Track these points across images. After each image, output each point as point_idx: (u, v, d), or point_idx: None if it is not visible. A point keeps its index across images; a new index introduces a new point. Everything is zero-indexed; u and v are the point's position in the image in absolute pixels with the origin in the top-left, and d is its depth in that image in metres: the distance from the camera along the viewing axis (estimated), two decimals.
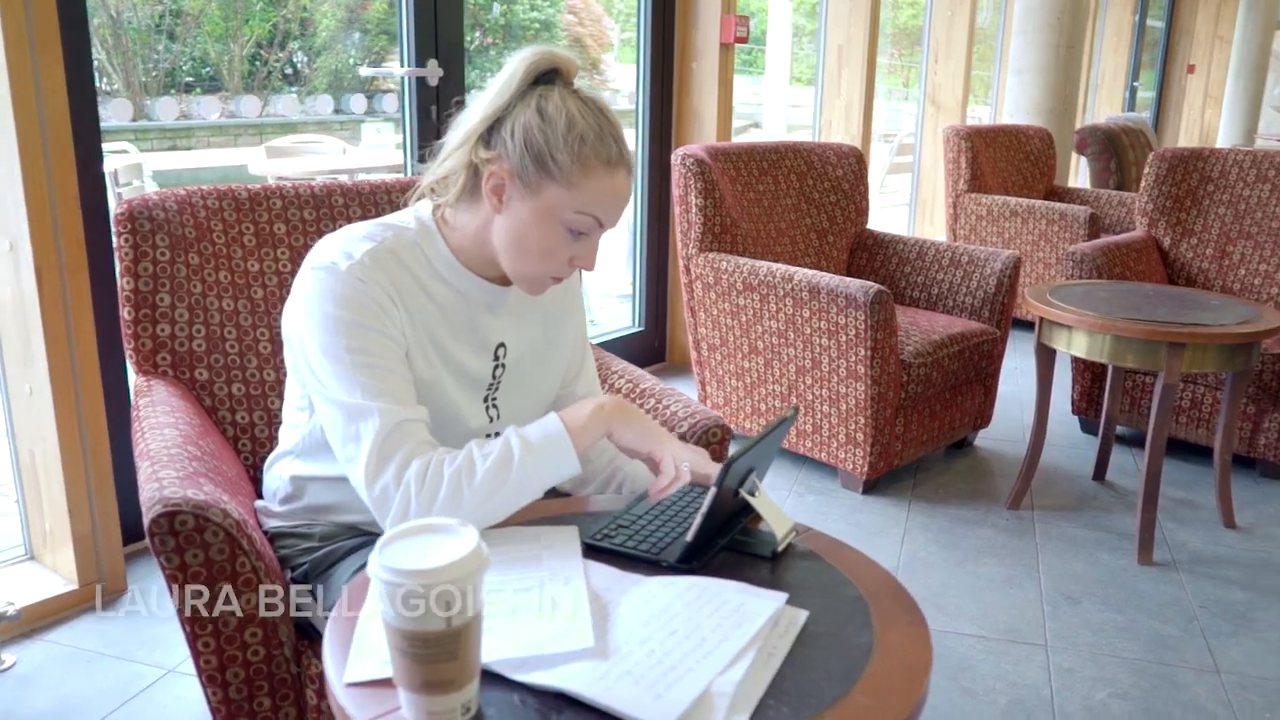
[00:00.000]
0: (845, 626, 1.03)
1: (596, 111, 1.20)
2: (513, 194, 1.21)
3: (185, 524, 1.20)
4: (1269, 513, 2.77)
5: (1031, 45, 5.25)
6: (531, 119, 1.19)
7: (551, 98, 1.19)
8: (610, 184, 1.20)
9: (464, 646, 0.82)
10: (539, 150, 1.18)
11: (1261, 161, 3.36)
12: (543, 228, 1.21)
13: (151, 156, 6.72)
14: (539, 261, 1.24)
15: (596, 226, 1.22)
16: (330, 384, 1.17)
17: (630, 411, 1.21)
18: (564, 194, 1.19)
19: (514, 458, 1.13)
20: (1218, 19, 9.69)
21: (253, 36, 8.87)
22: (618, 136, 1.21)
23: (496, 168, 1.20)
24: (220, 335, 1.69)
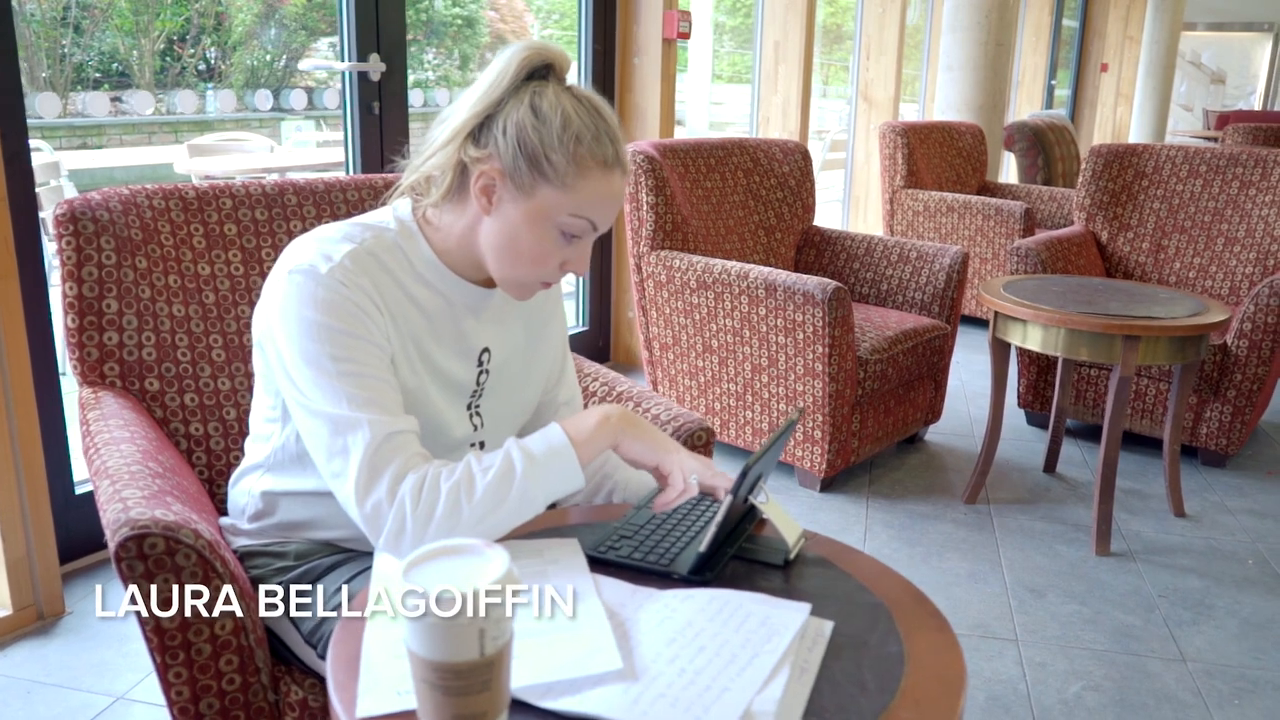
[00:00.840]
0: (870, 635, 0.99)
1: (592, 110, 1.15)
2: (503, 195, 1.15)
3: (155, 547, 1.12)
4: (1214, 501, 2.83)
5: (961, 43, 5.33)
6: (525, 117, 1.12)
7: (546, 95, 1.13)
8: (606, 186, 1.15)
9: (496, 676, 0.76)
10: (533, 150, 1.12)
11: (1193, 157, 3.45)
12: (534, 230, 1.15)
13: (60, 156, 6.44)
14: (529, 266, 1.18)
15: (590, 230, 1.17)
16: (313, 394, 1.09)
17: (638, 422, 1.16)
18: (558, 196, 1.13)
19: (516, 472, 1.07)
20: (1127, 20, 9.98)
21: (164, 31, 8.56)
22: (614, 136, 1.16)
23: (487, 167, 1.14)
24: (171, 343, 1.59)
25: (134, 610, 1.12)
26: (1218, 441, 2.99)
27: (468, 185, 1.17)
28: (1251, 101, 12.51)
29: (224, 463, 1.62)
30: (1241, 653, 2.08)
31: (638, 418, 1.17)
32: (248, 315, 1.66)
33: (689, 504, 1.23)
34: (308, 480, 1.26)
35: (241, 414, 1.63)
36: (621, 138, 1.17)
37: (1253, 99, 12.58)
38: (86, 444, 1.38)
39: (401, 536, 1.04)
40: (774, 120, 4.61)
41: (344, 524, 1.27)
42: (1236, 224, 3.34)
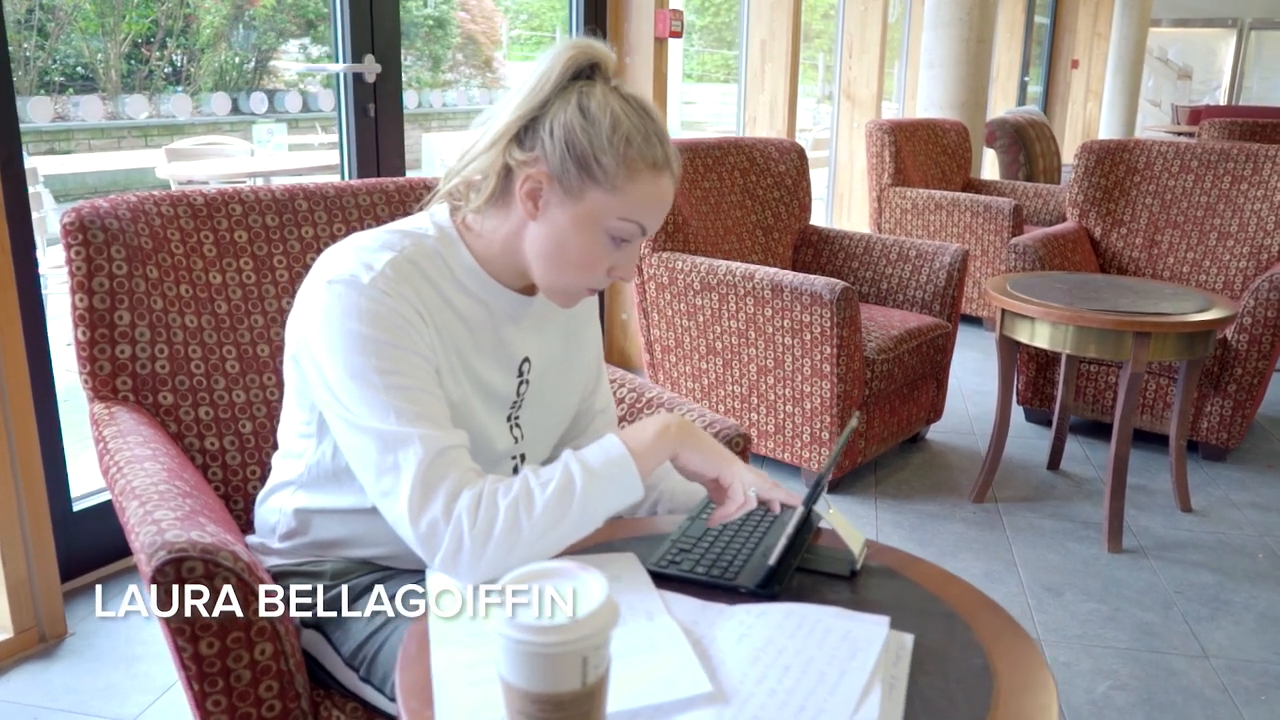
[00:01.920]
0: (951, 647, 0.96)
1: (641, 111, 1.11)
2: (550, 199, 1.11)
3: (194, 571, 1.07)
4: (1218, 495, 2.84)
5: (943, 40, 5.34)
6: (573, 118, 1.08)
7: (594, 95, 1.09)
8: (656, 188, 1.11)
9: (596, 705, 0.72)
10: (582, 152, 1.08)
11: (1184, 153, 3.46)
12: (583, 235, 1.11)
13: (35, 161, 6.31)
14: (577, 272, 1.14)
15: (639, 234, 1.13)
16: (358, 410, 1.05)
17: (696, 433, 1.13)
18: (608, 199, 1.09)
19: (575, 486, 1.03)
20: (1096, 17, 10.08)
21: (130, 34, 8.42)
22: (663, 138, 1.12)
23: (533, 170, 1.10)
24: (184, 355, 1.53)
25: (175, 637, 1.07)
26: (1218, 436, 3.00)
27: (512, 189, 1.13)
28: (1217, 96, 12.68)
29: (240, 478, 1.58)
30: (1262, 648, 2.08)
31: (696, 428, 1.13)
32: (260, 325, 1.61)
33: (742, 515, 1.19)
34: (344, 497, 1.21)
35: (258, 427, 1.58)
36: (669, 139, 1.14)
37: (1218, 94, 12.75)
38: (107, 463, 1.32)
39: (459, 556, 1.00)
40: (761, 119, 4.59)
41: (382, 541, 1.22)
42: (1229, 219, 3.35)
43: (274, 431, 1.59)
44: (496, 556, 1.00)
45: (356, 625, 1.20)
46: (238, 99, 7.72)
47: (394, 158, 2.76)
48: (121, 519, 1.22)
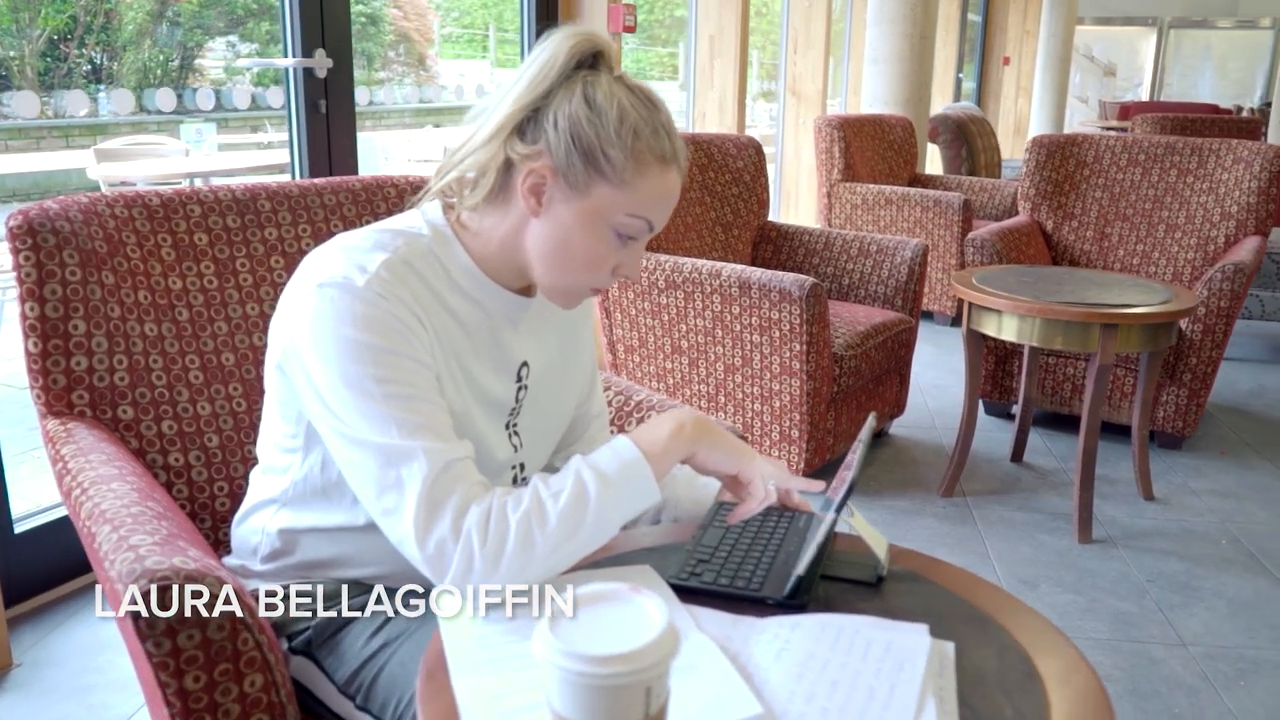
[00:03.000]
0: (990, 654, 0.93)
1: (647, 102, 1.05)
2: (555, 194, 1.05)
3: (179, 599, 0.99)
4: (1177, 483, 2.88)
5: (886, 36, 5.36)
6: (578, 109, 1.02)
7: (599, 85, 1.03)
8: (664, 183, 1.06)
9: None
10: (588, 145, 1.02)
11: (1131, 146, 3.51)
12: (589, 232, 1.05)
13: None
14: (582, 271, 1.08)
15: (646, 230, 1.08)
16: (355, 422, 0.98)
17: (713, 429, 1.08)
18: (615, 194, 1.03)
19: (589, 494, 0.97)
20: (1025, 14, 10.26)
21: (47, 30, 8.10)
22: (671, 130, 1.06)
23: (537, 165, 1.04)
24: (145, 365, 1.44)
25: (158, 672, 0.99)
26: (1174, 424, 3.05)
27: (512, 185, 1.06)
28: (1139, 93, 13.02)
29: (207, 495, 1.49)
30: (1236, 633, 2.10)
31: (711, 423, 1.08)
32: (224, 332, 1.53)
33: (758, 520, 1.15)
34: (333, 514, 1.14)
35: (225, 440, 1.49)
36: (676, 132, 1.09)
37: (1140, 90, 13.09)
38: (69, 485, 1.23)
39: (469, 576, 0.94)
40: (710, 115, 4.56)
41: (375, 560, 1.15)
42: (1176, 211, 3.41)
43: (242, 445, 1.50)
44: (510, 574, 0.94)
45: (351, 650, 1.13)
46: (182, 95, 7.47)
47: (347, 156, 2.67)
48: (89, 545, 1.13)
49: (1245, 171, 3.29)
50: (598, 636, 0.65)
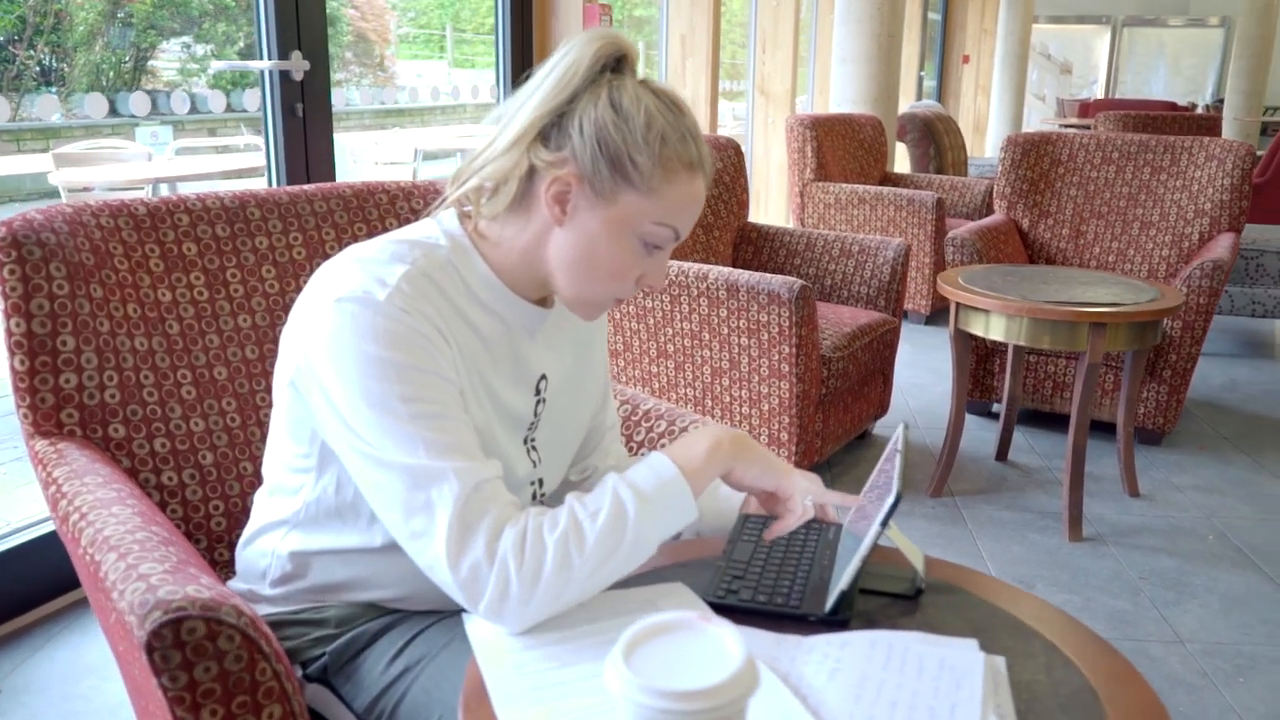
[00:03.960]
0: (1040, 668, 0.91)
1: (673, 107, 1.02)
2: (580, 202, 1.01)
3: (194, 631, 0.94)
4: (1160, 478, 2.90)
5: (855, 35, 5.37)
6: (604, 114, 0.99)
7: (625, 90, 1.00)
8: (691, 190, 1.03)
9: None
10: (615, 151, 0.99)
11: (1105, 145, 3.54)
12: (615, 242, 1.02)
13: None
14: (607, 281, 1.05)
15: (673, 239, 1.05)
16: (380, 443, 0.94)
17: (750, 445, 1.05)
18: (643, 202, 1.00)
19: (628, 514, 0.94)
20: (983, 13, 10.36)
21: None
22: (697, 136, 1.04)
23: (562, 172, 1.00)
24: (136, 381, 1.39)
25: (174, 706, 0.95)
26: (1154, 420, 3.07)
27: (535, 193, 1.03)
28: (1094, 90, 13.20)
29: (202, 514, 1.44)
30: (1231, 629, 2.11)
31: (747, 439, 1.06)
32: (216, 345, 1.48)
33: (787, 534, 1.12)
34: (349, 535, 1.10)
35: (219, 458, 1.44)
36: (702, 137, 1.06)
37: (1095, 87, 13.27)
38: (65, 509, 1.17)
39: (505, 601, 0.90)
40: None
41: (391, 582, 1.11)
42: (1150, 208, 3.44)
43: (237, 462, 1.45)
44: (547, 598, 0.91)
45: (370, 676, 1.09)
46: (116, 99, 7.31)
47: (324, 161, 2.61)
48: (90, 573, 1.08)
49: (1218, 168, 3.33)
50: (676, 670, 0.62)
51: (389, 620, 1.12)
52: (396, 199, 1.72)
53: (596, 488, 0.97)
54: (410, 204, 1.72)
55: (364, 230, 1.66)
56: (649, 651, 0.64)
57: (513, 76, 3.45)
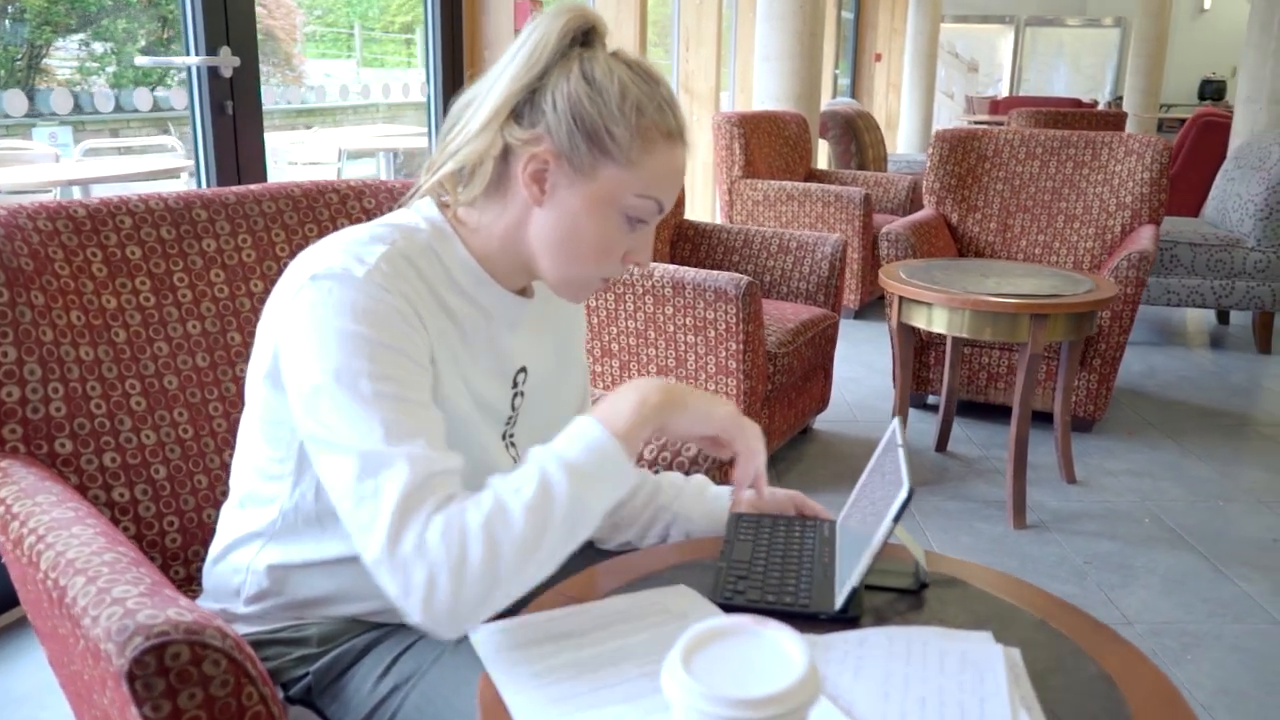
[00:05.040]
0: (1054, 657, 0.91)
1: (648, 77, 0.99)
2: (559, 180, 0.98)
3: (179, 657, 0.89)
4: (1094, 464, 2.98)
5: (777, 32, 5.42)
6: (578, 88, 0.96)
7: (597, 62, 0.97)
8: (671, 159, 1.00)
9: None
10: (592, 124, 0.96)
11: (1029, 140, 3.62)
12: (597, 218, 0.99)
13: None
14: (592, 260, 1.01)
15: (656, 212, 1.02)
16: (337, 425, 0.88)
17: (679, 395, 0.98)
18: (623, 175, 0.97)
19: (554, 486, 0.87)
20: (893, 12, 10.56)
21: None
22: (673, 105, 1.01)
23: (538, 149, 0.97)
24: (82, 393, 1.31)
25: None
26: (1085, 408, 3.16)
27: (512, 174, 1.00)
28: (999, 88, 13.58)
29: (156, 530, 1.37)
30: (1174, 609, 2.17)
31: (676, 387, 0.99)
32: (165, 353, 1.41)
33: (783, 531, 1.11)
34: (329, 545, 1.05)
35: (173, 471, 1.38)
36: (679, 107, 1.03)
37: (1000, 85, 13.65)
38: (19, 533, 1.10)
39: (433, 600, 0.83)
40: None
41: (377, 593, 1.05)
42: (1074, 202, 3.53)
43: (191, 475, 1.39)
44: (479, 590, 0.83)
45: (358, 696, 1.04)
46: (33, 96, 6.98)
47: (255, 161, 2.52)
48: (50, 599, 1.01)
49: (1137, 163, 3.44)
50: (740, 676, 0.60)
51: (375, 635, 1.08)
52: (348, 199, 1.66)
53: (521, 462, 0.91)
54: (362, 203, 1.66)
55: (315, 231, 1.60)
56: (708, 657, 0.62)
57: (444, 75, 3.39)
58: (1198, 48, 13.02)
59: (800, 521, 1.14)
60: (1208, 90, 12.70)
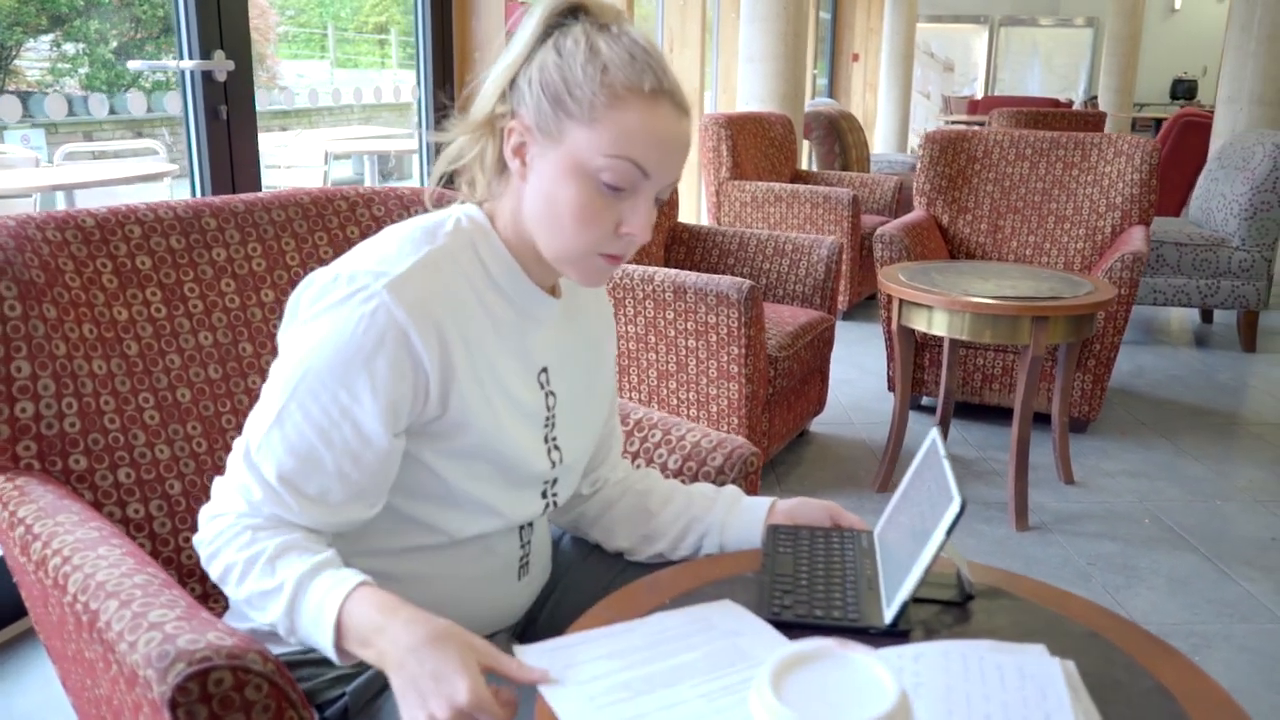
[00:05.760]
0: (1108, 670, 0.91)
1: (629, 41, 0.96)
2: (534, 150, 0.98)
3: (221, 683, 0.87)
4: (1090, 465, 2.99)
5: (761, 34, 5.42)
6: (548, 57, 0.96)
7: (571, 32, 0.96)
8: (648, 116, 0.93)
9: None
10: (555, 88, 0.95)
11: (1019, 141, 3.64)
12: (570, 185, 0.95)
13: None
14: (575, 230, 0.97)
15: (639, 176, 0.95)
16: (269, 432, 0.96)
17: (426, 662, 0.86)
18: (588, 134, 0.94)
19: (281, 602, 0.94)
20: (869, 12, 10.60)
21: None
22: (653, 61, 0.96)
23: (514, 122, 0.97)
24: (96, 408, 1.29)
25: None
26: (1080, 409, 3.17)
27: (506, 154, 1.01)
28: (974, 88, 13.66)
29: (171, 548, 1.34)
30: (1181, 609, 2.18)
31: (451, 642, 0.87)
32: (178, 366, 1.38)
33: (821, 543, 1.10)
34: (360, 561, 1.03)
35: (188, 486, 1.35)
36: (671, 70, 0.98)
37: (975, 85, 13.74)
38: (42, 554, 1.07)
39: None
40: None
41: (415, 599, 1.05)
42: (1064, 203, 3.55)
43: (206, 490, 1.36)
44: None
45: (398, 715, 1.02)
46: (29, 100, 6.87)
47: (249, 166, 2.48)
48: (81, 623, 0.99)
49: (1126, 164, 3.46)
50: (832, 703, 0.59)
51: None
52: (357, 206, 1.64)
53: (288, 566, 0.93)
54: (371, 211, 1.64)
55: (324, 239, 1.58)
56: (796, 683, 0.61)
57: (434, 76, 3.36)
58: (1169, 48, 13.16)
59: (838, 533, 1.13)
60: (1180, 90, 12.84)
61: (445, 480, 1.02)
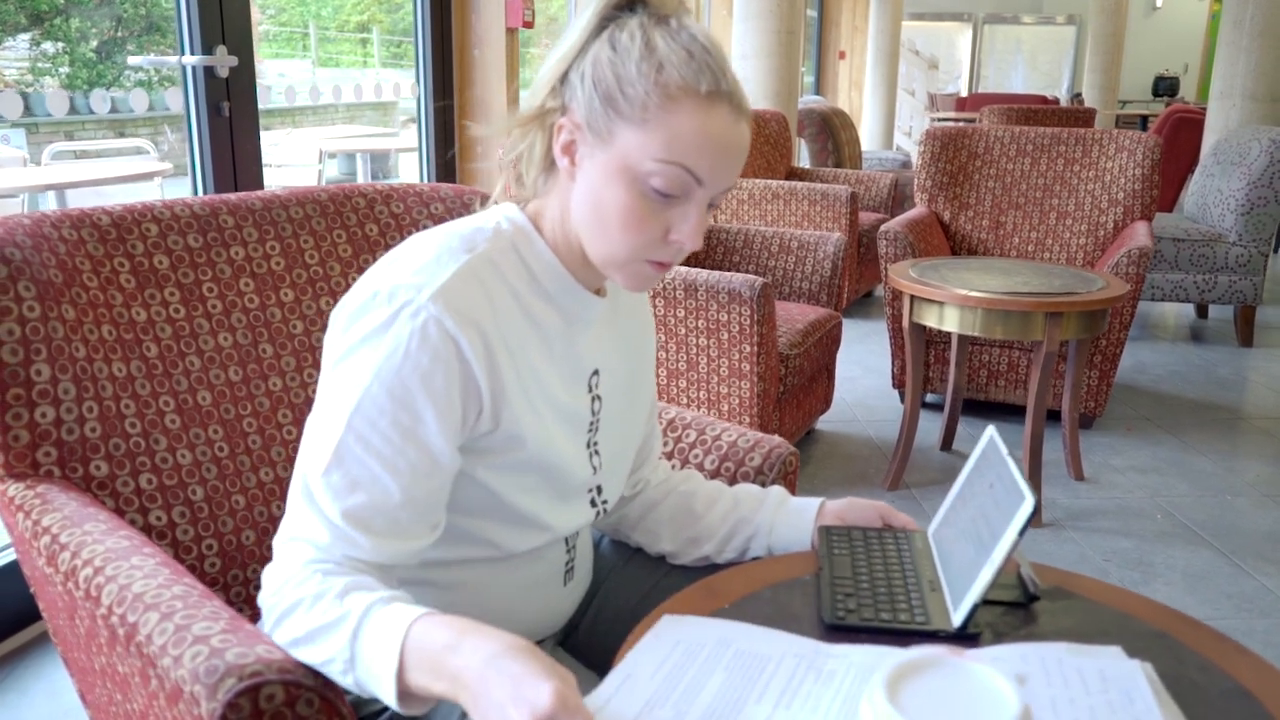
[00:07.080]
0: (1183, 670, 0.88)
1: (689, 38, 0.91)
2: (583, 150, 0.93)
3: (273, 698, 0.84)
4: (1099, 461, 2.98)
5: (755, 31, 5.40)
6: (601, 52, 0.92)
7: (627, 26, 0.92)
8: (704, 121, 0.88)
9: None
10: (607, 85, 0.90)
11: (1019, 137, 3.63)
12: (618, 188, 0.91)
13: None
14: (621, 236, 0.93)
15: (691, 183, 0.90)
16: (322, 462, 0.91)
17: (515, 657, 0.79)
18: (639, 136, 0.89)
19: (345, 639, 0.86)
20: (855, 10, 10.60)
21: None
22: (713, 62, 0.91)
23: (564, 119, 0.93)
24: (117, 412, 1.25)
25: None
26: (1086, 404, 3.16)
27: (554, 153, 0.97)
28: (959, 85, 13.70)
29: (194, 555, 1.30)
30: (1199, 605, 2.17)
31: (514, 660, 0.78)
32: (198, 368, 1.34)
33: (876, 543, 1.07)
34: (416, 568, 1.00)
35: (210, 492, 1.31)
36: (730, 69, 0.93)
37: (959, 83, 13.77)
38: (71, 564, 1.03)
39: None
40: None
41: (459, 608, 1.01)
42: (1065, 199, 3.54)
43: (229, 496, 1.32)
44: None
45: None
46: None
47: (252, 164, 2.44)
48: (117, 636, 0.95)
49: (1129, 159, 3.46)
50: (952, 713, 0.56)
51: None
52: (375, 202, 1.60)
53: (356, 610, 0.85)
54: (390, 207, 1.61)
55: (343, 237, 1.54)
56: (914, 693, 0.58)
57: (433, 74, 3.31)
58: (1151, 45, 13.24)
59: (891, 534, 1.10)
60: (1162, 87, 12.91)
61: (498, 494, 0.99)
